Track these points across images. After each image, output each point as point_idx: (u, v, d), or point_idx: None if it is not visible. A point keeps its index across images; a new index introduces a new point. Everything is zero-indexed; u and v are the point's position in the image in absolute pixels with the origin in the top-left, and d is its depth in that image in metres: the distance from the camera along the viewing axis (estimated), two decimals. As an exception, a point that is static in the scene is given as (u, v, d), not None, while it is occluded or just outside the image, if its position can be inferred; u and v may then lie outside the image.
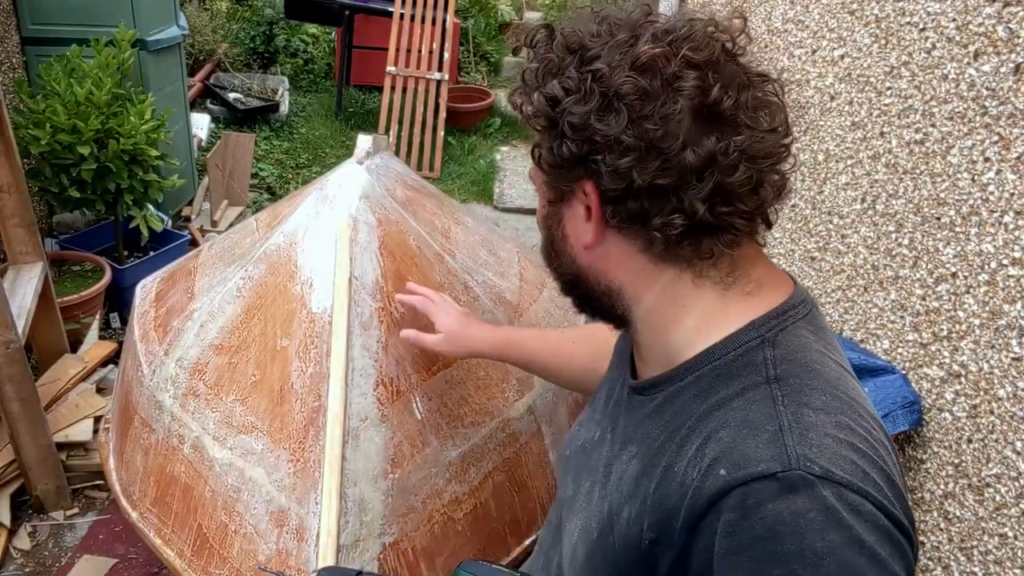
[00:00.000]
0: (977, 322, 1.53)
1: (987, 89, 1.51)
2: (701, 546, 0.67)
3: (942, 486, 1.62)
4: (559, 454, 1.03)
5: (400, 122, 5.25)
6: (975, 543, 1.53)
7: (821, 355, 0.75)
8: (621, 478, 0.78)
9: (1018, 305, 1.44)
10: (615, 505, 0.77)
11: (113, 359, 2.90)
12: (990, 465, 1.49)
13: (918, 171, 1.72)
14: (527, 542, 1.54)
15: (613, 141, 0.70)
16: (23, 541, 2.29)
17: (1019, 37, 1.44)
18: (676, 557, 0.69)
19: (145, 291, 1.93)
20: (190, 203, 4.14)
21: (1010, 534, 1.44)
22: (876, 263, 1.87)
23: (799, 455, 0.64)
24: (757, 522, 0.62)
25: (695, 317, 0.77)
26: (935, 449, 1.65)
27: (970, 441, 1.55)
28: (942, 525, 1.61)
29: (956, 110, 1.60)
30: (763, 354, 0.73)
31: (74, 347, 2.85)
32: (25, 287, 2.49)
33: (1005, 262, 1.47)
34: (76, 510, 2.41)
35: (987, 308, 1.51)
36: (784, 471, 0.63)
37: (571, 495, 0.90)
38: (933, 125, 1.67)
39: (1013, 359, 1.44)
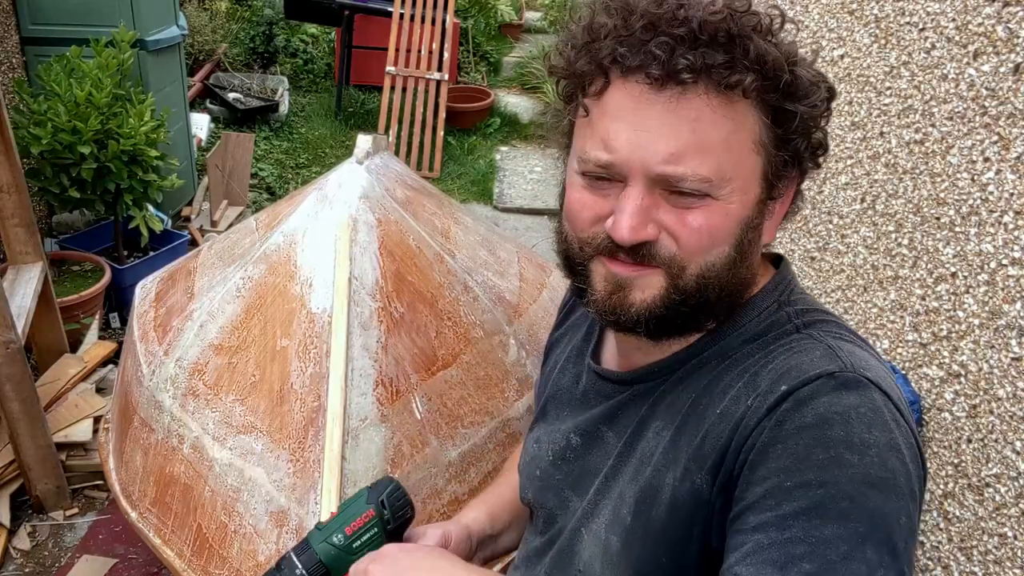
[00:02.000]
0: (977, 322, 1.53)
1: (987, 89, 1.51)
2: (749, 446, 0.67)
3: (942, 486, 1.62)
4: (526, 477, 0.96)
5: (400, 122, 5.25)
6: (975, 543, 1.53)
7: (825, 306, 0.80)
8: (652, 455, 0.76)
9: (1018, 305, 1.44)
10: (649, 481, 0.75)
11: (113, 359, 2.90)
12: (990, 465, 1.49)
13: (918, 171, 1.72)
14: (527, 542, 1.54)
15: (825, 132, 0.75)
16: (23, 541, 2.29)
17: (1018, 37, 1.44)
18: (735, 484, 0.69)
19: (145, 291, 1.93)
20: (190, 203, 4.14)
21: (1010, 534, 1.44)
22: (876, 263, 1.87)
23: (853, 363, 0.68)
24: (808, 412, 0.65)
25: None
26: (935, 449, 1.65)
27: (970, 441, 1.55)
28: (942, 525, 1.61)
29: (956, 110, 1.60)
30: (784, 312, 0.77)
31: (74, 347, 2.85)
32: (25, 287, 2.49)
33: (1005, 262, 1.47)
34: (76, 510, 2.41)
35: (987, 308, 1.51)
36: (840, 371, 0.67)
37: (582, 505, 0.85)
38: (933, 125, 1.67)
39: (1013, 359, 1.44)
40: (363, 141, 1.71)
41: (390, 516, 0.86)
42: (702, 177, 0.68)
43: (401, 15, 5.34)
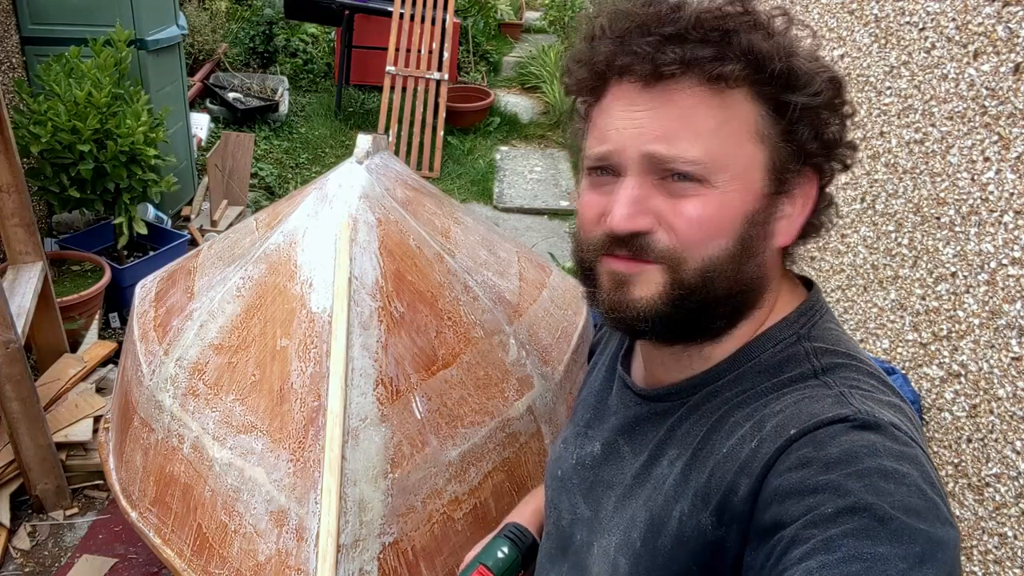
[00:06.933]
0: (977, 322, 1.53)
1: (987, 89, 1.51)
2: (768, 494, 0.64)
3: (942, 486, 1.63)
4: (549, 476, 0.98)
5: (400, 122, 5.25)
6: (975, 543, 1.53)
7: (851, 342, 0.76)
8: (663, 483, 0.76)
9: (1018, 305, 1.44)
10: (659, 509, 0.75)
11: (113, 359, 2.90)
12: (990, 465, 1.49)
13: (918, 171, 1.72)
14: (527, 542, 1.54)
15: (847, 126, 0.75)
16: (23, 541, 2.29)
17: (1018, 37, 1.44)
18: (742, 529, 0.67)
19: (145, 291, 1.93)
20: (190, 203, 4.14)
21: (1010, 534, 1.44)
22: (876, 263, 1.87)
23: (866, 408, 0.65)
24: (833, 449, 0.62)
25: (755, 321, 0.76)
26: (935, 449, 1.65)
27: (970, 441, 1.55)
28: (942, 525, 1.62)
29: (956, 110, 1.60)
30: (803, 347, 0.74)
31: (74, 347, 2.85)
32: (25, 287, 2.49)
33: (1005, 262, 1.47)
34: (76, 510, 2.41)
35: (987, 308, 1.51)
36: (854, 415, 0.64)
37: (590, 515, 0.86)
38: (933, 125, 1.68)
39: (1013, 359, 1.44)
40: (363, 141, 1.71)
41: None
42: (692, 158, 0.67)
43: (401, 15, 5.34)
